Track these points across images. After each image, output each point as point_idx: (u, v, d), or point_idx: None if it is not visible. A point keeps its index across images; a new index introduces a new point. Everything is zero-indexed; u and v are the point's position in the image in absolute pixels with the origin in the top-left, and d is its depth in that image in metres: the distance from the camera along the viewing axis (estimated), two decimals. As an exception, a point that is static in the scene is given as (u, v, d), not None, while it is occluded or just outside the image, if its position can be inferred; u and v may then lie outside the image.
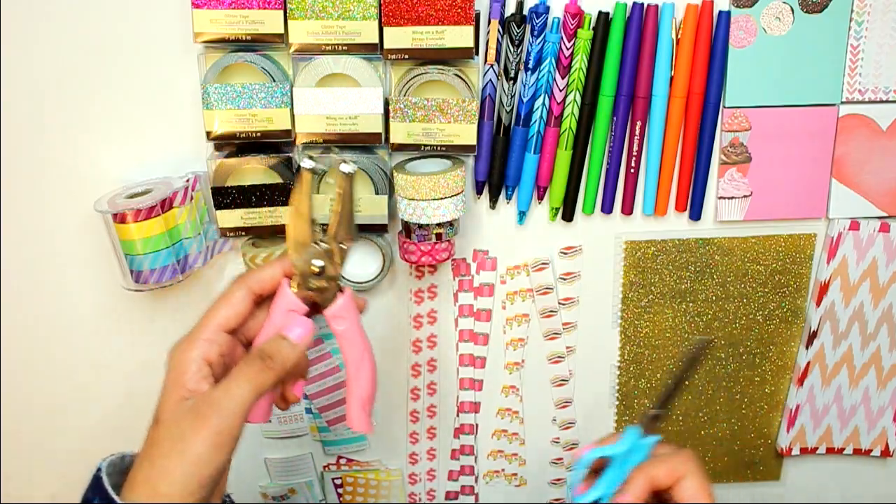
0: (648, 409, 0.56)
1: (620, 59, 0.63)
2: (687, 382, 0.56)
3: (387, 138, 0.62)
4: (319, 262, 0.50)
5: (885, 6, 0.63)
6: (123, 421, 0.72)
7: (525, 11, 0.61)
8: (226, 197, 0.62)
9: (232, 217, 0.63)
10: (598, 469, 0.54)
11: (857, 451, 0.77)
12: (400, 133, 0.61)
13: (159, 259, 0.61)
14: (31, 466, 0.73)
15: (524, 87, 0.62)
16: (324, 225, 0.51)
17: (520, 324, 0.71)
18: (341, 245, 0.51)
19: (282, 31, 0.59)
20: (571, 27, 0.61)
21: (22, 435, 0.72)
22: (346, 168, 0.50)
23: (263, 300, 0.51)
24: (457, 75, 0.60)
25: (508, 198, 0.67)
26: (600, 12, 0.61)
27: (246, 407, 0.46)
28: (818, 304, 0.71)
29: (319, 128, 0.61)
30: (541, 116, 0.64)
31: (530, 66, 0.62)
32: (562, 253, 0.69)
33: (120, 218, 0.59)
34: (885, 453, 0.77)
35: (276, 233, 0.64)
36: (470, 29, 0.59)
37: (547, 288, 0.70)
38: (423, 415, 0.74)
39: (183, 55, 0.61)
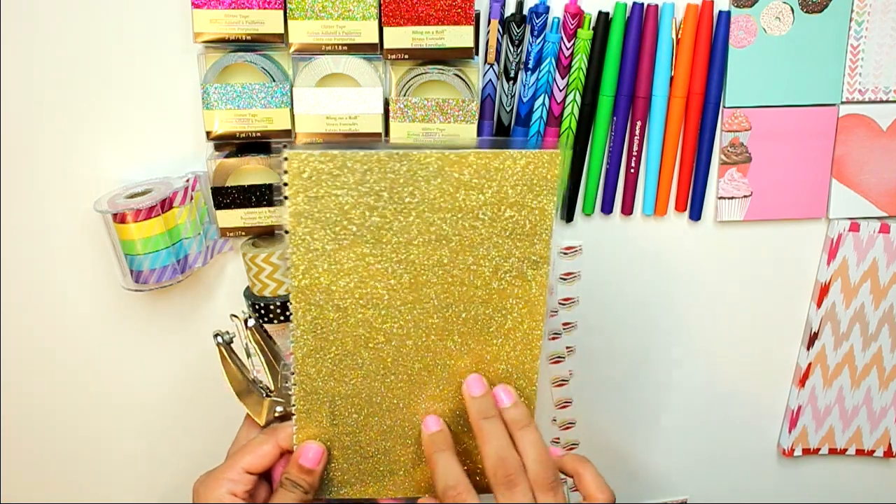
0: None
1: (620, 59, 0.63)
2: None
3: (387, 138, 0.62)
4: (279, 408, 0.56)
5: (885, 6, 0.63)
6: (123, 421, 0.71)
7: (525, 11, 0.61)
8: (226, 197, 0.62)
9: (232, 217, 0.63)
10: None
11: (859, 452, 0.76)
12: (400, 133, 0.61)
13: (159, 259, 0.61)
14: (31, 466, 0.73)
15: (524, 87, 0.62)
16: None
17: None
18: (285, 384, 0.56)
19: (282, 31, 0.59)
20: (571, 27, 0.61)
21: (22, 435, 0.71)
22: (251, 322, 0.55)
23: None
24: (457, 75, 0.60)
25: (508, 198, 0.67)
26: (600, 12, 0.61)
27: None
28: (819, 305, 0.71)
29: (319, 128, 0.61)
30: (541, 116, 0.64)
31: (530, 66, 0.62)
32: (562, 253, 0.69)
33: (120, 218, 0.59)
34: (888, 454, 0.76)
35: (276, 233, 0.64)
36: (470, 29, 0.59)
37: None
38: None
39: (183, 55, 0.61)
